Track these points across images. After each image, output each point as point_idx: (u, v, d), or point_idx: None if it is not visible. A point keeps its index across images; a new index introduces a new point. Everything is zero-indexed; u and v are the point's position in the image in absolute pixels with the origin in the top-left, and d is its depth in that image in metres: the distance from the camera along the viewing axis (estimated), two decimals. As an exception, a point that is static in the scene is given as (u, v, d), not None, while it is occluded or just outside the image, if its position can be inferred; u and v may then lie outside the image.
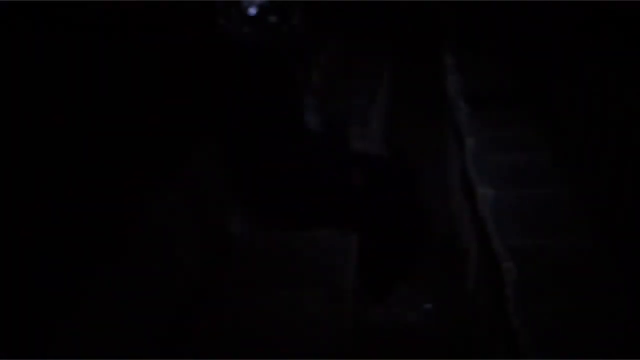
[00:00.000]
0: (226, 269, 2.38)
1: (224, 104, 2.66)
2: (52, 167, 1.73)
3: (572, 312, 1.94)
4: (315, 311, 2.04)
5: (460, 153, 3.05)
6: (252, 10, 2.51)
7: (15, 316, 1.46)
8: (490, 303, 2.27)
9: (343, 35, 5.72)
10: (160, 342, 1.90)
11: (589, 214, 2.46)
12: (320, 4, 4.34)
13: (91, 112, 1.92)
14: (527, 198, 2.56)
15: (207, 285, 2.25)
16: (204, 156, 2.61)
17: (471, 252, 2.77)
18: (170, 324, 1.98)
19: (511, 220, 2.39)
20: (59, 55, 1.78)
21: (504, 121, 3.45)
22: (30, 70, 1.66)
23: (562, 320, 1.89)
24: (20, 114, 1.60)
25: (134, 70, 2.22)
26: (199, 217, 2.35)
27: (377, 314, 2.69)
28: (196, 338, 1.98)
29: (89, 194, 1.88)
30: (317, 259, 2.40)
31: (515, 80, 3.97)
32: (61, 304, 1.62)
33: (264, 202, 2.68)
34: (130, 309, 1.83)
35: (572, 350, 1.74)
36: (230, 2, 2.51)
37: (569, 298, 2.04)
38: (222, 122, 2.68)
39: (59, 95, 1.77)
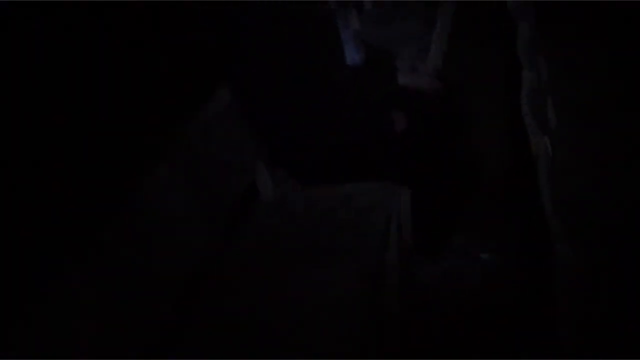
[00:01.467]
0: (242, 241, 2.00)
1: (241, 49, 2.25)
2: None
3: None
4: (341, 295, 1.64)
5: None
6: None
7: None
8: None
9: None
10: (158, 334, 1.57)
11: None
12: None
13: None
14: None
15: (215, 264, 1.89)
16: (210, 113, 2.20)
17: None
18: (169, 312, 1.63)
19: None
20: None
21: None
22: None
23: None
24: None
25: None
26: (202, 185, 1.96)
27: (430, 272, 2.30)
28: (199, 331, 1.63)
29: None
30: (356, 222, 2.00)
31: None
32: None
33: (293, 155, 2.29)
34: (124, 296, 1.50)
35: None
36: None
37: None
38: (239, 69, 2.27)
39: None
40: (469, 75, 3.38)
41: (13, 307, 1.31)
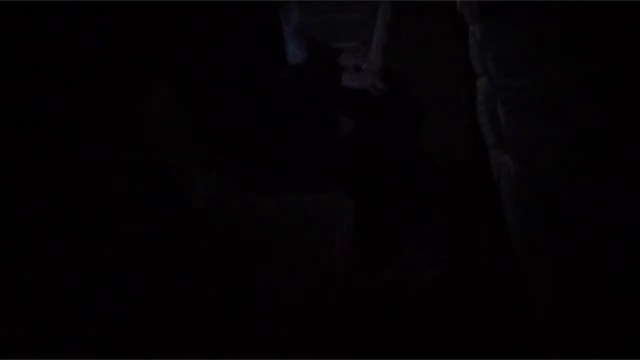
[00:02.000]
0: (189, 246, 1.92)
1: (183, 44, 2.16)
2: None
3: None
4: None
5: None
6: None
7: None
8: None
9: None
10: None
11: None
12: None
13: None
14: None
15: (165, 268, 1.84)
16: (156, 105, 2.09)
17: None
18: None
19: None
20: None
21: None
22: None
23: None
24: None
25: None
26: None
27: (374, 283, 2.21)
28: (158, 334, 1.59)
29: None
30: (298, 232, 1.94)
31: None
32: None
33: (236, 156, 2.20)
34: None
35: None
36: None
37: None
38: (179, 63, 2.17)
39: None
40: (417, 71, 3.32)
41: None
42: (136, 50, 2.16)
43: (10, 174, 1.51)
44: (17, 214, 1.50)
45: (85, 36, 1.93)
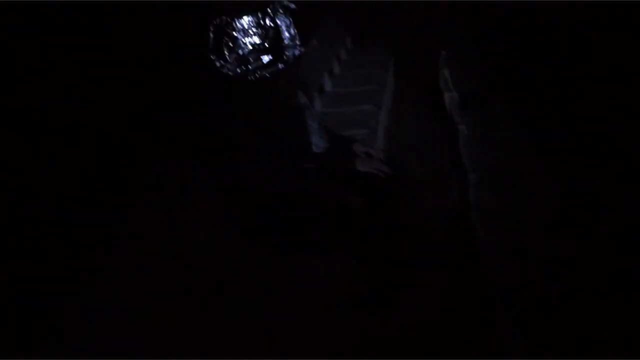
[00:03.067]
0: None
1: (220, 131, 2.68)
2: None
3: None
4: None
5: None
6: (247, 52, 2.56)
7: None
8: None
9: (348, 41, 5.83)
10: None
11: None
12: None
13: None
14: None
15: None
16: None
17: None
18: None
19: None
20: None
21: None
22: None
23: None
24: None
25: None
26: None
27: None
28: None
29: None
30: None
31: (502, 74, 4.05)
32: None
33: (256, 223, 2.72)
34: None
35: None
36: (223, 44, 2.56)
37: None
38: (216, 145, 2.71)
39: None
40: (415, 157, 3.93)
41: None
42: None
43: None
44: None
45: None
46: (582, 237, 2.43)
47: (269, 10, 2.58)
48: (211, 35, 2.57)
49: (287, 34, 2.64)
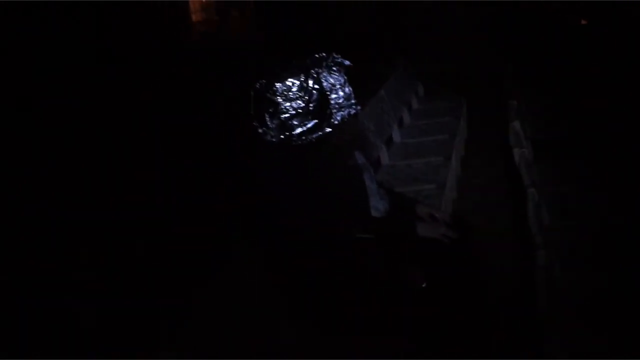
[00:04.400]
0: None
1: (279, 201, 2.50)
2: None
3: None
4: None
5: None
6: (289, 117, 2.39)
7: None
8: None
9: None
10: None
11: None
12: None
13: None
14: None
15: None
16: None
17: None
18: None
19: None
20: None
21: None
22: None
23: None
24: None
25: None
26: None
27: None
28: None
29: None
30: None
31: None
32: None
33: (304, 299, 2.52)
34: None
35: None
36: (264, 109, 2.41)
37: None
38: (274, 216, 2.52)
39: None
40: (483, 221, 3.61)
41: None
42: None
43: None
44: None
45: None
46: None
47: (313, 72, 2.39)
48: (251, 100, 2.40)
49: (341, 93, 2.45)
